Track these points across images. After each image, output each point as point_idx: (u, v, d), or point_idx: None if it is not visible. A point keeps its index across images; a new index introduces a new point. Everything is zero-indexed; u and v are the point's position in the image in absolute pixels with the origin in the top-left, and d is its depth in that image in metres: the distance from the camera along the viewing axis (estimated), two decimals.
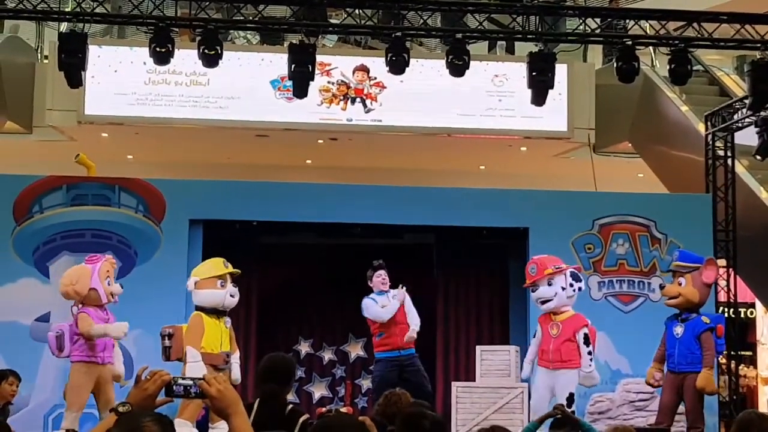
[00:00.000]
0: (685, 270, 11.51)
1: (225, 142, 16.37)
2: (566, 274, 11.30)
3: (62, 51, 11.21)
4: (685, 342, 11.17)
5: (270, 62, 15.06)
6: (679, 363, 11.18)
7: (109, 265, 10.74)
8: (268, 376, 6.37)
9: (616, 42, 12.15)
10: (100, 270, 10.59)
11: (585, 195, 14.22)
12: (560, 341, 11.15)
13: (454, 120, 15.55)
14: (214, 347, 10.36)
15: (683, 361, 11.15)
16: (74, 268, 10.86)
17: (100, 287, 10.53)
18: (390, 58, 11.54)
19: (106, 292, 10.56)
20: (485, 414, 12.36)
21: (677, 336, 11.24)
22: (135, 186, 13.11)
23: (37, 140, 15.91)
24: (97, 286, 10.54)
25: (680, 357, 11.17)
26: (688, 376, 11.10)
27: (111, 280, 10.69)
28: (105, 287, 10.57)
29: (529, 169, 17.27)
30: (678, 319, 11.36)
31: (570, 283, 11.28)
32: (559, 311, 11.24)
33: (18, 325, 12.28)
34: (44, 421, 12.13)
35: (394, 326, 12.08)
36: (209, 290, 10.45)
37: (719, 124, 14.24)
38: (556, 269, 11.35)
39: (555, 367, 11.16)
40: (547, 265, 11.38)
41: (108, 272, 10.66)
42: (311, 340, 15.08)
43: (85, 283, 10.53)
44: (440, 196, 13.69)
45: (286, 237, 14.35)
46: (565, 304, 11.25)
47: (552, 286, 11.21)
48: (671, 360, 11.28)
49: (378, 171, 17.00)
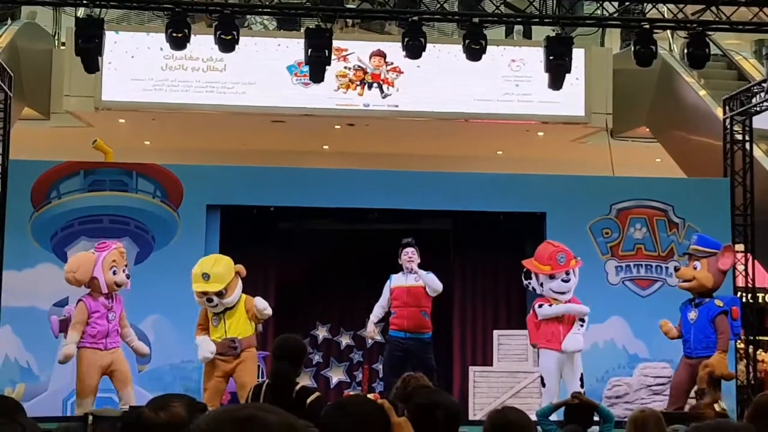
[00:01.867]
0: (701, 254, 11.49)
1: (242, 127, 16.38)
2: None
3: (79, 36, 11.25)
4: (700, 327, 11.17)
5: (287, 48, 15.05)
6: (695, 348, 11.17)
7: (118, 255, 10.75)
8: (279, 356, 6.43)
9: (633, 26, 12.12)
10: (104, 259, 10.62)
11: (602, 180, 14.18)
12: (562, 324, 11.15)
13: (471, 105, 15.52)
14: (217, 336, 10.55)
15: (699, 346, 11.15)
16: (79, 255, 10.95)
17: (101, 277, 10.57)
18: (407, 43, 11.54)
19: (108, 282, 10.59)
20: (502, 398, 12.38)
21: (692, 321, 11.24)
22: (152, 171, 13.13)
23: (55, 126, 15.96)
24: (99, 275, 10.58)
25: (696, 342, 11.17)
26: (704, 361, 11.08)
27: (118, 269, 10.70)
28: (108, 277, 10.59)
29: (547, 154, 17.23)
30: (692, 304, 11.34)
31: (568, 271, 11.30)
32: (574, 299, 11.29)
33: (36, 310, 12.32)
34: (63, 405, 12.19)
35: (405, 308, 12.02)
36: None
37: (737, 108, 14.17)
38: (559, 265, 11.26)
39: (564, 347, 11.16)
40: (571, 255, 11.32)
41: (114, 262, 10.68)
42: (329, 325, 15.09)
43: (87, 271, 10.58)
44: (457, 181, 13.67)
45: (303, 222, 14.36)
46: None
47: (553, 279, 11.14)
48: (687, 345, 11.27)
49: (395, 156, 16.98)
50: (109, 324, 10.60)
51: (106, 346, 10.59)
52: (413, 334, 11.99)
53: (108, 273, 10.59)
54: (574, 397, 8.27)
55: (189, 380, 12.29)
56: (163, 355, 12.36)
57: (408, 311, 12.04)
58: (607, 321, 12.74)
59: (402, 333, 12.00)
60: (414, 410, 4.19)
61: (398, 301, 12.08)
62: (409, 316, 12.01)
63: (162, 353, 12.36)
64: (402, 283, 12.09)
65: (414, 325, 11.99)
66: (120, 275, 10.69)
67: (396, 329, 12.08)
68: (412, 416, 4.07)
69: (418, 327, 12.02)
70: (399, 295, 12.07)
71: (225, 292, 10.45)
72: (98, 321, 10.58)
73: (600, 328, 12.37)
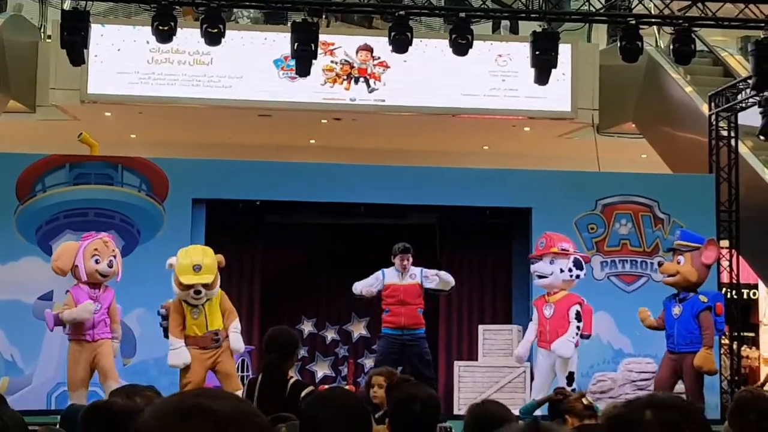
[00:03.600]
0: (685, 249, 11.54)
1: (228, 121, 16.35)
2: (569, 259, 11.38)
3: (65, 29, 11.21)
4: (684, 322, 11.21)
5: (273, 42, 15.02)
6: (678, 343, 11.21)
7: (100, 244, 10.71)
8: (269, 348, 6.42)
9: (619, 21, 12.14)
10: (86, 248, 10.60)
11: (588, 175, 14.22)
12: (555, 321, 11.26)
13: (457, 100, 15.51)
14: (197, 330, 10.29)
15: (682, 342, 11.19)
16: (63, 245, 10.99)
17: (81, 265, 10.54)
18: (393, 37, 11.53)
19: (88, 270, 10.56)
20: (487, 393, 12.41)
21: (676, 316, 11.28)
22: (138, 165, 13.11)
23: (40, 119, 15.90)
24: (80, 263, 10.55)
25: (679, 337, 11.21)
26: (688, 356, 11.14)
27: (101, 258, 10.65)
28: (89, 265, 10.56)
29: (533, 149, 17.24)
30: (676, 299, 11.39)
31: (570, 268, 11.37)
32: (553, 292, 11.34)
33: (20, 304, 12.30)
34: (47, 398, 12.17)
35: (402, 306, 12.07)
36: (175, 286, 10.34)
37: (723, 104, 14.21)
38: (562, 251, 11.42)
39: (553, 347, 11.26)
40: (555, 243, 11.49)
41: (96, 251, 10.64)
42: (314, 319, 15.09)
43: (68, 260, 10.57)
44: (443, 176, 13.69)
45: (289, 216, 14.36)
46: (560, 287, 11.35)
47: (552, 264, 11.32)
48: (670, 341, 11.31)
49: (381, 151, 16.97)
50: (94, 314, 10.56)
51: (93, 337, 10.55)
52: (410, 331, 12.05)
53: (89, 261, 10.55)
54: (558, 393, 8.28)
55: (173, 374, 12.25)
56: (148, 349, 12.33)
57: (405, 309, 12.09)
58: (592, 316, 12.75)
59: (399, 330, 12.05)
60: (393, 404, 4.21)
61: (393, 299, 12.12)
62: (406, 313, 12.08)
63: (147, 347, 12.34)
64: (397, 281, 12.13)
65: (412, 322, 12.09)
66: (102, 264, 10.63)
67: (392, 327, 12.10)
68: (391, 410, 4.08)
69: (415, 324, 12.12)
70: (394, 293, 12.12)
71: (212, 284, 10.39)
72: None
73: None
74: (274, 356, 6.44)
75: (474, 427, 4.36)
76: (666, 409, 2.23)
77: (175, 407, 1.78)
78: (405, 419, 4.10)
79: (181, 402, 1.79)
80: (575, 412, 6.53)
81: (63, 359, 11.05)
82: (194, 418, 1.75)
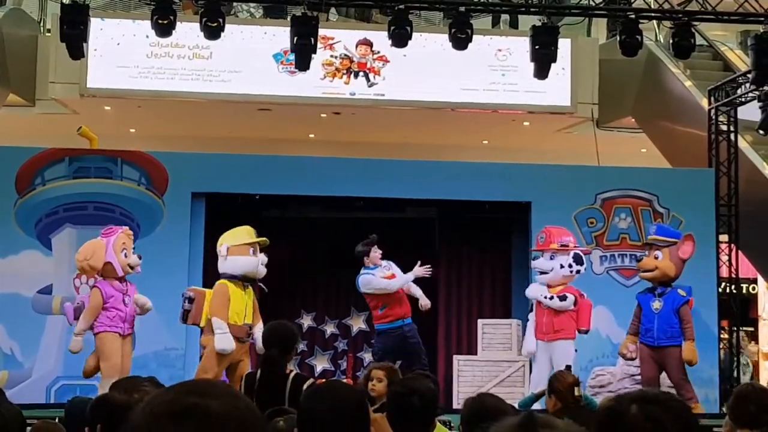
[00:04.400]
0: (662, 244, 11.59)
1: (227, 115, 16.34)
2: (569, 254, 11.43)
3: (64, 22, 11.22)
4: (665, 316, 11.30)
5: (273, 36, 15.01)
6: (658, 338, 11.31)
7: (126, 237, 10.69)
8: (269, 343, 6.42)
9: (619, 16, 12.13)
10: (115, 243, 10.55)
11: (588, 169, 14.22)
12: (553, 313, 11.29)
13: (457, 94, 15.51)
14: (238, 319, 10.09)
15: (663, 336, 11.29)
16: (89, 243, 10.78)
17: (115, 260, 10.50)
18: (392, 31, 11.53)
19: (122, 264, 10.53)
20: (487, 387, 12.41)
21: (656, 311, 11.35)
22: (137, 159, 13.11)
23: (40, 113, 15.90)
24: (112, 259, 10.51)
25: (660, 332, 11.29)
26: (670, 349, 11.25)
27: (128, 251, 10.63)
28: (121, 260, 10.53)
29: (532, 143, 17.25)
30: (654, 294, 11.45)
31: (570, 264, 11.43)
32: (553, 285, 11.39)
33: (20, 297, 12.31)
34: (47, 392, 12.17)
35: (395, 296, 12.07)
36: (242, 257, 10.19)
37: (722, 98, 14.21)
38: (562, 246, 11.46)
39: (549, 339, 11.35)
40: (555, 239, 11.52)
41: (124, 244, 10.62)
42: (313, 313, 15.09)
43: (100, 257, 10.51)
44: (443, 170, 13.69)
45: (289, 210, 14.36)
46: (560, 282, 11.40)
47: (553, 260, 11.36)
48: (649, 334, 11.38)
49: (381, 145, 16.97)
50: (126, 308, 10.47)
51: (124, 330, 10.47)
52: (407, 320, 12.10)
53: (120, 255, 10.51)
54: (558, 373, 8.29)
55: (173, 368, 12.29)
56: (147, 342, 12.33)
57: (398, 297, 12.11)
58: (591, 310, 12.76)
59: (399, 321, 12.07)
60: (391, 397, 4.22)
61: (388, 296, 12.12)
62: (400, 302, 12.11)
63: (146, 340, 12.34)
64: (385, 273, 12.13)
65: (406, 310, 12.14)
66: (132, 257, 10.60)
67: (391, 320, 12.10)
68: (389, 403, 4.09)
69: (408, 311, 12.17)
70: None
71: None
72: (115, 305, 10.42)
73: None
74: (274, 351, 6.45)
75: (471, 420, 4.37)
76: (651, 404, 2.30)
77: (167, 407, 1.73)
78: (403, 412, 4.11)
79: (173, 401, 1.74)
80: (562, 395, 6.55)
81: (63, 353, 11.04)
82: (186, 419, 1.70)
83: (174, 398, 1.75)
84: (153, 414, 1.72)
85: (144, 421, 1.71)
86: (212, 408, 1.72)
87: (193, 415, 1.71)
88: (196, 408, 1.71)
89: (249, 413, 1.77)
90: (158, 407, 1.73)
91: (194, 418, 1.70)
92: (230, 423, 1.72)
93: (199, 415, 1.71)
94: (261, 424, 1.77)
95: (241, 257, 10.20)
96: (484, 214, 14.10)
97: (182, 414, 1.71)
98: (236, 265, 10.18)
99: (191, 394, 1.74)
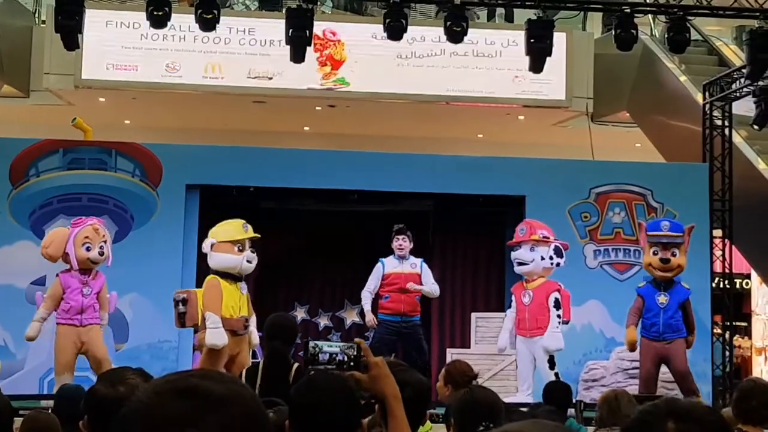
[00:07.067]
0: (680, 240, 11.56)
1: (222, 107, 16.34)
2: (550, 246, 11.46)
3: (59, 13, 11.20)
4: (671, 310, 11.29)
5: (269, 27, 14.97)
6: (664, 332, 11.28)
7: (91, 231, 10.65)
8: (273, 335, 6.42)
9: (614, 10, 12.12)
10: (77, 235, 10.55)
11: (582, 163, 14.22)
12: (534, 308, 11.36)
13: (452, 88, 15.50)
14: (233, 312, 10.03)
15: (668, 330, 11.28)
16: (53, 231, 10.96)
17: (72, 252, 10.50)
18: (388, 24, 11.52)
19: (79, 257, 10.52)
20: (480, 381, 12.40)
21: (662, 305, 11.31)
22: (132, 150, 13.09)
23: (34, 104, 15.89)
24: (70, 251, 10.51)
25: (665, 326, 11.26)
26: (676, 342, 11.25)
27: (92, 245, 10.60)
28: (80, 253, 10.52)
29: (527, 137, 17.25)
30: (659, 288, 11.40)
31: (551, 256, 11.47)
32: (532, 279, 11.43)
33: (14, 288, 12.29)
34: (39, 383, 12.16)
35: (402, 293, 12.14)
36: (225, 254, 10.11)
37: (717, 93, 14.22)
38: (543, 238, 11.50)
39: (532, 335, 11.41)
40: (536, 230, 11.58)
41: (87, 238, 10.59)
42: (307, 306, 15.09)
43: (58, 246, 10.54)
44: (438, 164, 13.69)
45: (283, 203, 14.33)
46: (539, 274, 11.44)
47: (533, 252, 11.41)
48: (654, 329, 11.33)
49: (376, 138, 16.97)
50: (84, 299, 10.51)
51: (81, 322, 10.52)
52: (408, 318, 12.12)
53: (80, 249, 10.51)
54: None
55: (166, 360, 12.29)
56: (140, 334, 12.35)
57: (405, 296, 12.20)
58: (584, 304, 12.78)
59: (398, 317, 12.12)
60: None
61: (394, 286, 12.21)
62: (405, 300, 12.19)
63: (140, 332, 12.36)
64: (397, 269, 12.22)
65: (410, 309, 12.20)
66: (93, 252, 10.59)
67: (390, 313, 12.16)
68: None
69: (413, 311, 12.26)
70: (395, 281, 12.22)
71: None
72: (72, 296, 10.50)
73: (578, 312, 12.39)
74: (278, 343, 6.45)
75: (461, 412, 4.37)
76: (689, 422, 2.19)
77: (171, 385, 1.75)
78: None
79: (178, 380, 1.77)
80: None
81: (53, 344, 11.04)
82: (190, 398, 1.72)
83: (179, 378, 1.78)
84: (156, 392, 1.74)
85: (147, 398, 1.73)
86: (216, 390, 1.74)
87: (197, 394, 1.73)
88: (199, 387, 1.74)
89: (252, 402, 1.79)
90: (162, 386, 1.76)
91: (198, 397, 1.72)
92: (234, 407, 1.74)
93: (202, 394, 1.73)
94: (265, 414, 1.80)
95: (223, 254, 10.14)
96: (479, 207, 14.11)
97: (186, 391, 1.73)
98: (219, 261, 10.15)
99: (194, 377, 1.77)
